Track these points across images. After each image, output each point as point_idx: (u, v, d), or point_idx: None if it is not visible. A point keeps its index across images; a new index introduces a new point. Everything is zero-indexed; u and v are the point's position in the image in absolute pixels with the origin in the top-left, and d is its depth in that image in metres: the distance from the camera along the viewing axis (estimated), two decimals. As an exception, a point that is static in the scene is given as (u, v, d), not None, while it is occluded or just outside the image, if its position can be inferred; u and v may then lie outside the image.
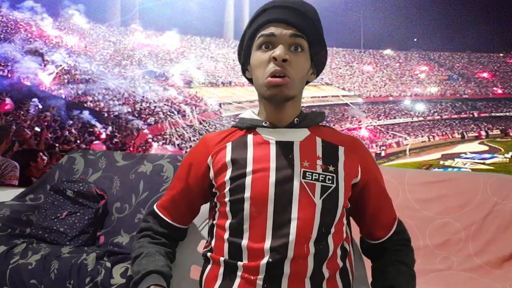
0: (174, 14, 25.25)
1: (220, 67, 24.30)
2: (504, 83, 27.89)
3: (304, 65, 0.98)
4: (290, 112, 1.00)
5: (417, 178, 2.06)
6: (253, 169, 0.94)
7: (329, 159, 0.97)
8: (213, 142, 1.03)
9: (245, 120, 1.03)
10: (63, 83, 12.11)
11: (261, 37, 0.96)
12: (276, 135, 0.98)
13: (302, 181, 0.93)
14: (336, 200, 0.94)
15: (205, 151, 1.03)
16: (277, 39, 0.95)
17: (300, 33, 0.95)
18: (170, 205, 1.09)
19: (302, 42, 0.96)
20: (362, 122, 22.65)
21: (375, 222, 1.04)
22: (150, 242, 1.06)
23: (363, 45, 32.18)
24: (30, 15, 14.42)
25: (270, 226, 0.90)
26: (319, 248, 0.91)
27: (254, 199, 0.92)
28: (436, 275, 1.75)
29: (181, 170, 1.09)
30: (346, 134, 1.06)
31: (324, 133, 1.02)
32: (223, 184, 0.97)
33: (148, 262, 1.00)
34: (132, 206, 2.12)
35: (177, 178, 1.09)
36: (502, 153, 18.44)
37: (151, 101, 15.20)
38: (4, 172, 3.14)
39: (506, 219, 1.83)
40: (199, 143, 1.07)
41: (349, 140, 1.03)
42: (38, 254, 1.81)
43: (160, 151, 12.07)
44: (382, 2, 25.50)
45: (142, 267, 0.99)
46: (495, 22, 15.14)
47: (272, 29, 0.95)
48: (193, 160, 1.05)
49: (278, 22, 0.96)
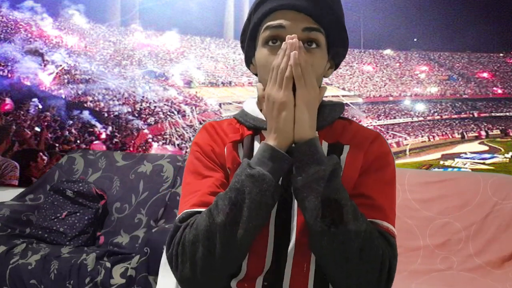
0: (174, 14, 25.23)
1: (220, 67, 24.30)
2: (504, 83, 27.87)
3: (321, 63, 0.80)
4: None
5: (417, 178, 2.06)
6: None
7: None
8: (222, 131, 0.87)
9: (249, 118, 0.87)
10: (63, 83, 12.07)
11: (267, 29, 0.79)
12: None
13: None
14: None
15: (221, 138, 0.86)
16: (286, 32, 0.76)
17: (315, 26, 0.77)
18: (212, 199, 0.76)
19: (318, 37, 0.78)
20: (362, 122, 22.67)
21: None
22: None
23: (363, 45, 32.17)
24: (30, 15, 14.38)
25: (271, 249, 0.81)
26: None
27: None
28: (436, 275, 1.75)
29: (202, 159, 0.83)
30: (363, 128, 0.88)
31: (335, 132, 0.86)
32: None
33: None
34: (132, 206, 2.12)
35: (205, 167, 0.82)
36: (502, 153, 18.38)
37: (151, 101, 15.18)
38: (4, 172, 3.14)
39: (506, 219, 1.83)
40: (208, 130, 0.88)
41: (361, 135, 0.85)
42: (38, 254, 1.81)
43: (160, 151, 12.04)
44: (382, 2, 25.45)
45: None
46: (495, 22, 15.21)
47: (281, 19, 0.77)
48: (214, 147, 0.84)
49: (287, 9, 0.77)
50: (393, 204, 0.84)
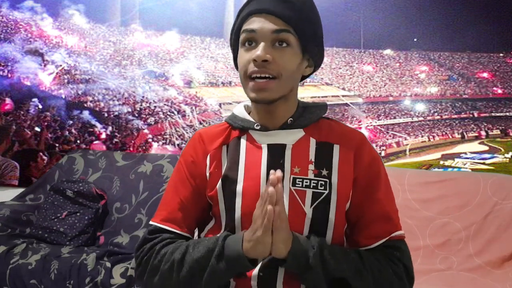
0: (174, 14, 25.26)
1: (220, 67, 24.30)
2: (504, 83, 27.90)
3: (292, 60, 0.88)
4: (282, 112, 0.92)
5: (417, 178, 2.06)
6: (244, 178, 0.90)
7: (322, 162, 0.90)
8: (209, 138, 0.97)
9: (237, 119, 0.96)
10: (63, 83, 12.12)
11: (243, 32, 0.88)
12: (268, 138, 0.92)
13: (291, 189, 0.88)
14: (327, 206, 0.88)
15: (203, 148, 0.96)
16: (258, 35, 0.86)
17: (284, 28, 0.85)
18: (180, 215, 0.94)
19: (287, 37, 0.86)
20: (362, 122, 22.67)
21: (360, 228, 0.91)
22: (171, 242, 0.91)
23: (363, 45, 32.17)
24: (30, 15, 14.44)
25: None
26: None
27: (245, 213, 0.88)
28: (436, 275, 1.75)
29: (182, 171, 0.97)
30: (348, 128, 0.97)
31: (321, 130, 0.94)
32: (215, 193, 0.92)
33: (203, 241, 0.86)
34: (132, 206, 2.12)
35: (180, 181, 0.96)
36: (502, 153, 18.44)
37: (151, 101, 15.21)
38: (4, 172, 3.14)
39: (506, 219, 1.83)
40: (194, 140, 0.99)
41: (347, 135, 0.94)
42: (38, 254, 1.81)
43: (160, 151, 12.08)
44: (382, 2, 25.48)
45: (208, 244, 0.85)
46: (495, 22, 15.24)
47: (254, 23, 0.86)
48: (195, 158, 0.96)
49: (259, 13, 0.86)
50: (394, 203, 0.95)
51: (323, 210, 0.88)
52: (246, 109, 0.99)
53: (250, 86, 0.87)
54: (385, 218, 0.90)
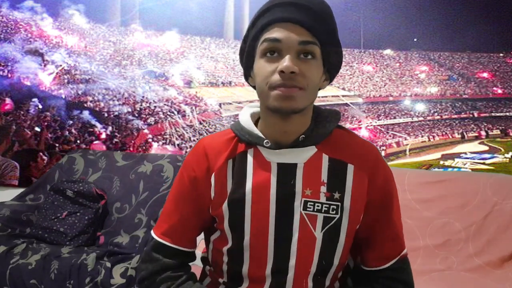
0: (174, 14, 25.31)
1: (220, 67, 24.32)
2: (504, 83, 27.92)
3: (316, 73, 0.83)
4: (296, 127, 0.86)
5: (417, 178, 2.06)
6: (252, 201, 0.86)
7: (335, 184, 0.86)
8: (214, 152, 0.91)
9: (244, 132, 0.90)
10: (63, 83, 12.13)
11: (265, 41, 0.82)
12: (279, 155, 0.87)
13: (302, 213, 0.85)
14: (338, 231, 0.86)
15: (207, 165, 0.91)
16: (283, 45, 0.80)
17: (311, 39, 0.81)
18: (180, 230, 0.92)
19: (313, 49, 0.82)
20: (362, 122, 22.67)
21: (370, 247, 0.91)
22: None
23: (363, 45, 32.23)
24: (30, 15, 14.47)
25: (271, 259, 0.87)
26: (317, 280, 0.88)
27: (254, 234, 0.87)
28: (436, 275, 1.75)
29: (184, 185, 0.93)
30: (362, 141, 0.92)
31: (334, 144, 0.89)
32: (221, 213, 0.89)
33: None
34: (132, 206, 2.12)
35: (182, 195, 0.93)
36: (502, 153, 18.45)
37: (151, 101, 15.22)
38: (4, 172, 3.14)
39: (506, 219, 1.83)
40: (198, 152, 0.93)
41: (362, 153, 0.89)
42: (38, 254, 1.81)
43: (160, 151, 12.09)
44: (382, 2, 25.49)
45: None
46: (495, 22, 15.09)
47: (277, 32, 0.81)
48: (198, 174, 0.91)
49: (283, 21, 0.81)
50: (401, 220, 0.97)
51: (333, 235, 0.86)
52: (252, 118, 0.93)
53: (273, 95, 0.81)
54: (395, 238, 0.92)
